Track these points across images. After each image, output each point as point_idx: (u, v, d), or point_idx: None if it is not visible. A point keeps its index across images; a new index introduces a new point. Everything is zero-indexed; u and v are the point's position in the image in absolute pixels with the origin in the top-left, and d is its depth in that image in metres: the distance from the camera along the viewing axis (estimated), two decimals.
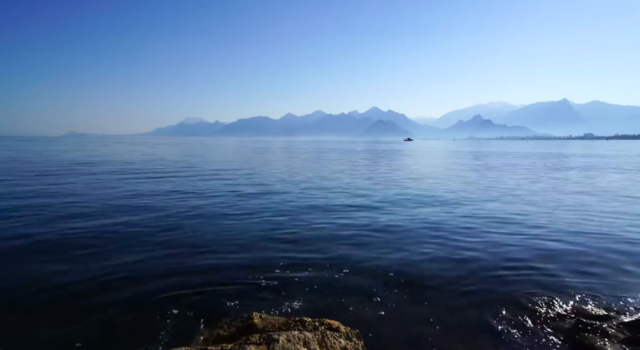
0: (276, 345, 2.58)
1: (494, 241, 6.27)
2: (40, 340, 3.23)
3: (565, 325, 3.53)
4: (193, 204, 9.35)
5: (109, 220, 7.37)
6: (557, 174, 18.42)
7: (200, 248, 5.75)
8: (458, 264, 5.18)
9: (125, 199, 9.91)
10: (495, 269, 5.01)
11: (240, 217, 7.95)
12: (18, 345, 3.16)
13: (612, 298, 4.12)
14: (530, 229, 7.15)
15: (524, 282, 4.58)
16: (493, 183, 14.56)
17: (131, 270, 4.80)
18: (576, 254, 5.64)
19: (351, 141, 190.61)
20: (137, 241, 6.04)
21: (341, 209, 8.89)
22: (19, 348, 3.14)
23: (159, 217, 7.79)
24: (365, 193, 11.60)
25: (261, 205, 9.32)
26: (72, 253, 5.41)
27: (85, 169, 18.23)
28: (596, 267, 5.11)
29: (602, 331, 3.34)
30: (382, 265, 5.06)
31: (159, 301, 3.95)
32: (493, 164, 25.87)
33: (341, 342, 2.78)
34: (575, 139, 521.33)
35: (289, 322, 3.17)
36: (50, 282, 4.36)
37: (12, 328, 3.42)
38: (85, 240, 6.06)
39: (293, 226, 7.19)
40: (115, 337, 3.30)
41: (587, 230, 7.05)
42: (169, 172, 17.37)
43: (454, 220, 7.86)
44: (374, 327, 3.46)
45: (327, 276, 4.68)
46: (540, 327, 3.52)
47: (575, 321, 3.56)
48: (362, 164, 24.83)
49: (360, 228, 7.10)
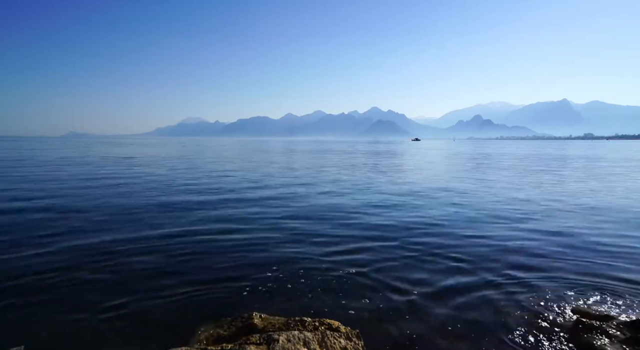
0: (276, 345, 2.58)
1: (496, 238, 6.29)
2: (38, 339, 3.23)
3: (565, 325, 3.53)
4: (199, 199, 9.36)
5: (111, 217, 7.39)
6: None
7: (200, 247, 5.76)
8: (458, 264, 5.18)
9: (119, 196, 9.92)
10: (496, 269, 5.01)
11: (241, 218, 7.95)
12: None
13: (612, 298, 4.13)
14: (520, 223, 7.17)
15: (524, 282, 4.59)
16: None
17: (130, 268, 4.81)
18: (577, 254, 5.65)
19: (357, 141, 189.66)
20: (137, 239, 6.05)
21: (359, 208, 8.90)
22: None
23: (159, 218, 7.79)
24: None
25: (256, 204, 9.33)
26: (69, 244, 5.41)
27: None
28: (599, 267, 5.11)
29: (602, 331, 3.34)
30: (383, 266, 5.07)
31: (159, 300, 3.95)
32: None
33: (341, 342, 2.78)
34: (575, 139, 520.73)
35: (289, 322, 3.17)
36: (50, 280, 4.38)
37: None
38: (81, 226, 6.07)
39: (297, 224, 7.20)
40: (115, 336, 3.30)
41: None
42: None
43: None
44: (374, 327, 3.46)
45: (327, 276, 4.68)
46: (540, 327, 3.52)
47: (575, 321, 3.56)
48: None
49: (360, 228, 7.12)
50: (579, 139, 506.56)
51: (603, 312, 3.72)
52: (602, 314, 3.64)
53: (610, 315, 3.64)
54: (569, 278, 4.71)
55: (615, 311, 3.80)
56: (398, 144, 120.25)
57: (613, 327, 3.39)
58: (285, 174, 17.43)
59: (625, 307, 3.92)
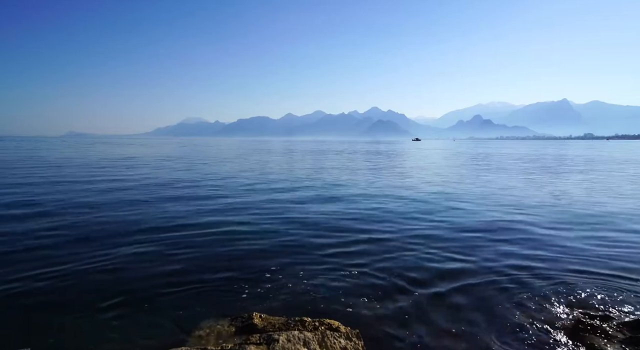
0: (276, 345, 2.58)
1: (491, 239, 6.29)
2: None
3: (565, 325, 3.52)
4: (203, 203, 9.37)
5: (112, 213, 7.39)
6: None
7: (201, 246, 5.76)
8: (458, 264, 5.18)
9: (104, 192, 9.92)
10: (496, 268, 5.01)
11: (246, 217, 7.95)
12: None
13: (612, 298, 4.13)
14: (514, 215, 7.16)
15: (525, 282, 4.59)
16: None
17: (130, 267, 4.81)
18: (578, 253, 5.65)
19: (358, 141, 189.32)
20: (135, 238, 6.06)
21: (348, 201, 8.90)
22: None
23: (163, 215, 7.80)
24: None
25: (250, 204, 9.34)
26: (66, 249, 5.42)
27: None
28: (598, 266, 5.11)
29: (602, 331, 3.34)
30: (383, 266, 5.07)
31: (158, 300, 3.95)
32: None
33: (341, 342, 2.78)
34: (575, 139, 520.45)
35: (289, 322, 3.18)
36: (47, 277, 4.38)
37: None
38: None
39: (294, 226, 7.20)
40: (114, 336, 3.30)
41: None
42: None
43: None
44: (374, 327, 3.46)
45: (327, 276, 4.69)
46: (541, 327, 3.52)
47: (575, 321, 3.56)
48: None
49: (360, 228, 7.12)
50: (579, 139, 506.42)
51: (603, 311, 3.73)
52: (602, 313, 3.64)
53: (610, 315, 3.64)
54: (569, 277, 4.71)
55: (615, 311, 3.80)
56: (400, 143, 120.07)
57: (613, 327, 3.39)
58: (293, 175, 17.44)
59: (625, 306, 3.92)
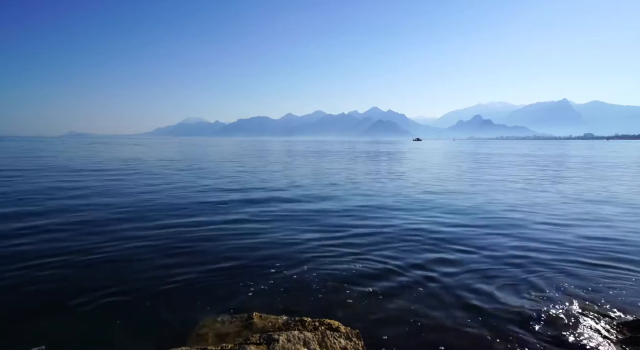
0: (276, 345, 2.58)
1: (488, 239, 6.29)
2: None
3: (565, 325, 3.52)
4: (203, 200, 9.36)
5: (112, 211, 7.39)
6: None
7: (201, 245, 5.76)
8: (458, 265, 5.18)
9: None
10: (497, 269, 5.02)
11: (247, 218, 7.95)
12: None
13: (612, 297, 4.13)
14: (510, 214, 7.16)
15: (525, 281, 4.59)
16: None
17: (130, 266, 4.81)
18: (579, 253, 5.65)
19: (359, 141, 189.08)
20: (134, 235, 6.06)
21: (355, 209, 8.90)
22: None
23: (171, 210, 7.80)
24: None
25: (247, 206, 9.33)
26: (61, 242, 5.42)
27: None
28: (598, 266, 5.12)
29: (602, 331, 3.34)
30: (383, 266, 5.07)
31: (158, 300, 3.95)
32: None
33: (341, 342, 2.78)
34: (575, 139, 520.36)
35: (289, 322, 3.18)
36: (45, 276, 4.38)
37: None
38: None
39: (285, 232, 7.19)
40: (113, 336, 3.30)
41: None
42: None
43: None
44: (374, 327, 3.46)
45: (328, 276, 4.69)
46: (541, 327, 3.52)
47: (575, 321, 3.56)
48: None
49: (360, 228, 7.12)
50: (579, 139, 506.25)
51: (603, 311, 3.72)
52: (602, 313, 3.63)
53: (610, 315, 3.64)
54: (569, 276, 4.72)
55: (615, 310, 3.80)
56: (402, 144, 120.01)
57: (613, 327, 3.39)
58: (300, 175, 17.44)
59: (625, 306, 3.92)
